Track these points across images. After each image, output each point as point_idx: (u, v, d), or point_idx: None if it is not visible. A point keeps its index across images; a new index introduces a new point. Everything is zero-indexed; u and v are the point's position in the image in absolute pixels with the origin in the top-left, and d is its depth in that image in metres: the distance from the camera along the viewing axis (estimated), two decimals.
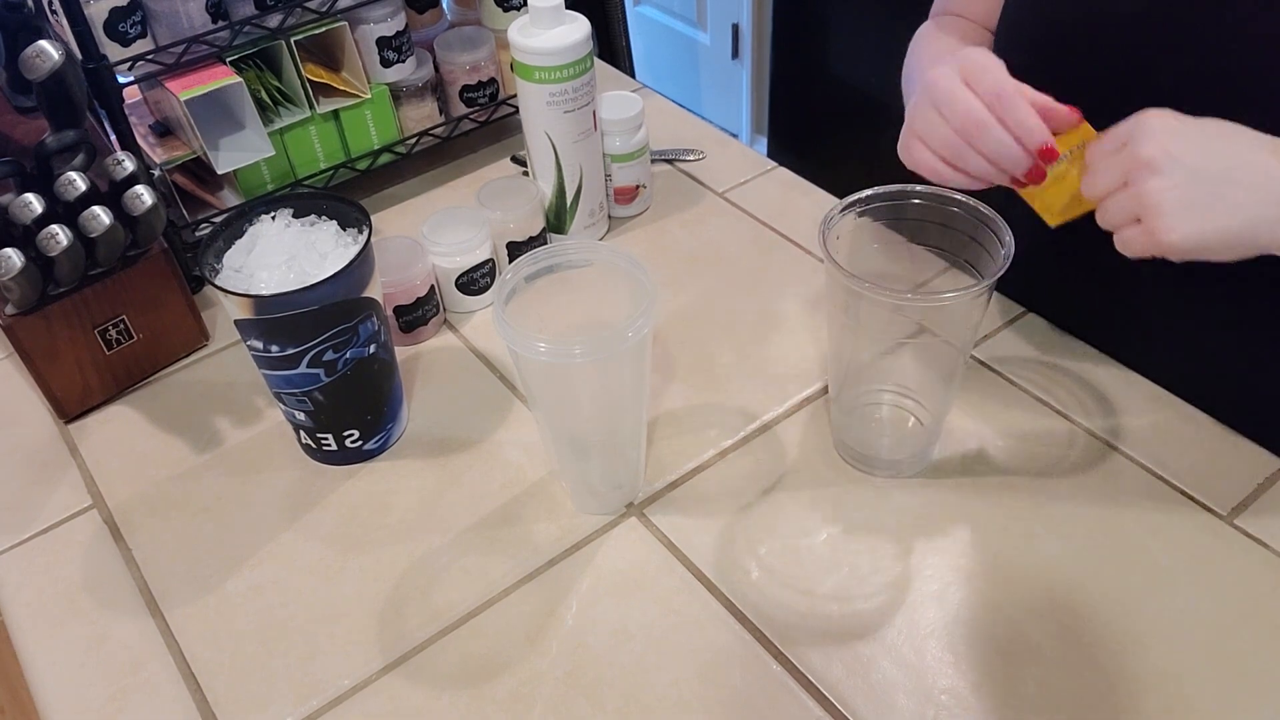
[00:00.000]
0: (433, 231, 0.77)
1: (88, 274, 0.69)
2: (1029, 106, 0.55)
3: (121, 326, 0.72)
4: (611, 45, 1.68)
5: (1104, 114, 0.65)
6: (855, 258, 0.61)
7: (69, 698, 0.57)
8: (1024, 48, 0.69)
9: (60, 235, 0.64)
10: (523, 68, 0.76)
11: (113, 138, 0.76)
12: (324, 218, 0.66)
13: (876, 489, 0.65)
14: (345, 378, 0.64)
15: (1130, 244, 0.52)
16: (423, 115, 0.90)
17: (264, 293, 0.59)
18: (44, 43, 0.62)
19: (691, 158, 0.96)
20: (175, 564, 0.64)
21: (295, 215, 0.65)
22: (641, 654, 0.57)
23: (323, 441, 0.68)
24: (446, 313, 0.80)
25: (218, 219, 0.82)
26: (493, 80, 0.92)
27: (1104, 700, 0.54)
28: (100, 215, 0.65)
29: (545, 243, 0.84)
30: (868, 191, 0.61)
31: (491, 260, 0.80)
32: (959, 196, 0.59)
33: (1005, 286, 0.77)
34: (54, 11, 0.72)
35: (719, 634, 0.58)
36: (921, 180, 0.59)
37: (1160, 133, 0.51)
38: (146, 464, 0.70)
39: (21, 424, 0.74)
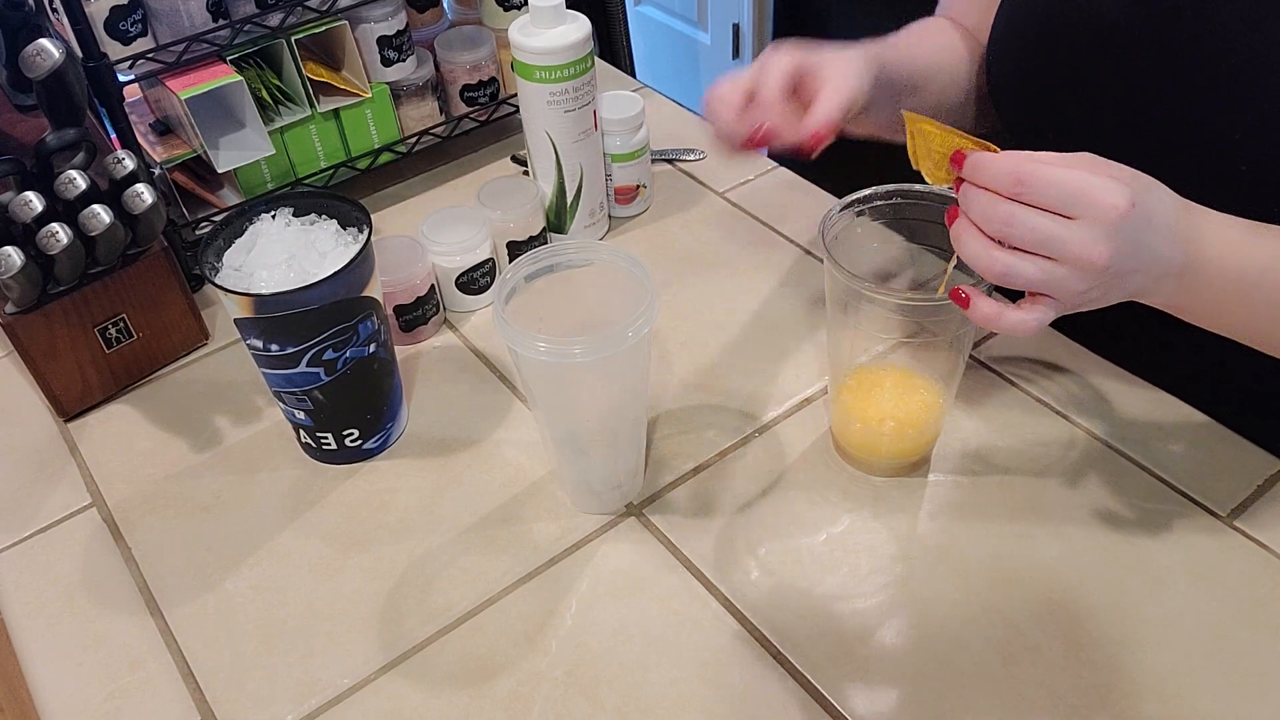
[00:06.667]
0: (433, 231, 0.77)
1: (88, 272, 0.69)
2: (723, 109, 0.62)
3: (121, 325, 0.72)
4: (612, 45, 1.68)
5: (1106, 122, 0.65)
6: (855, 258, 0.61)
7: (68, 696, 0.57)
8: (1024, 50, 0.69)
9: (60, 233, 0.64)
10: (523, 67, 0.76)
11: (113, 136, 0.76)
12: (324, 217, 0.66)
13: (876, 489, 0.65)
14: (345, 377, 0.64)
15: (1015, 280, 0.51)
16: (423, 114, 0.90)
17: (264, 292, 0.59)
18: (44, 41, 0.62)
19: (691, 158, 0.95)
20: (174, 563, 0.64)
21: (295, 214, 0.65)
22: (641, 654, 0.57)
23: (322, 440, 0.68)
24: (446, 312, 0.80)
25: (218, 218, 0.82)
26: (493, 80, 0.92)
27: (1103, 701, 0.54)
28: (100, 214, 0.65)
29: (545, 242, 0.84)
30: (867, 191, 0.61)
31: (491, 260, 0.80)
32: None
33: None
34: (54, 10, 0.72)
35: (719, 634, 0.58)
36: (921, 180, 0.59)
37: (1102, 239, 0.49)
38: (146, 463, 0.70)
39: (21, 422, 0.74)
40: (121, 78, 0.74)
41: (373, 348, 0.65)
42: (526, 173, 0.91)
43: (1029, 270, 0.49)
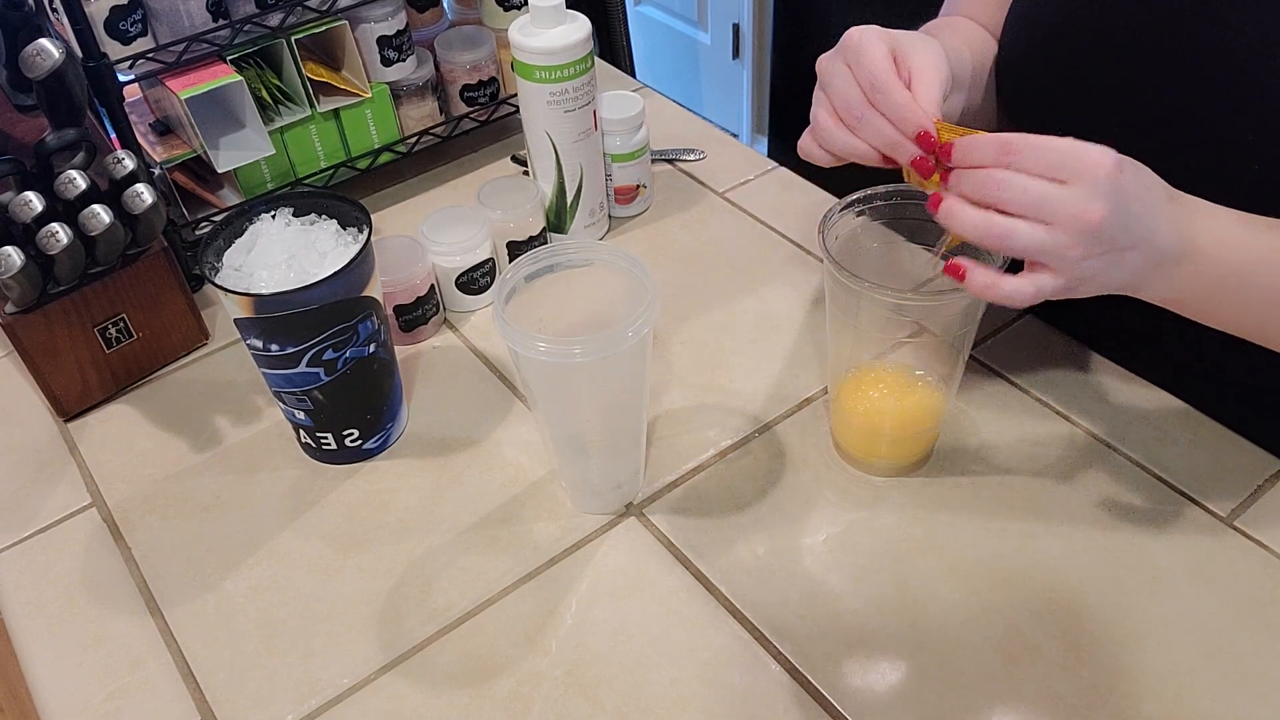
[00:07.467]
0: (433, 231, 0.77)
1: (87, 272, 0.69)
2: (904, 93, 0.55)
3: (121, 325, 0.72)
4: (612, 45, 1.68)
5: (1108, 122, 0.65)
6: (855, 258, 0.61)
7: (68, 696, 0.57)
8: (1030, 51, 0.69)
9: (60, 233, 0.64)
10: (523, 67, 0.76)
11: (113, 136, 0.76)
12: (324, 217, 0.66)
13: (875, 489, 0.65)
14: (345, 377, 0.64)
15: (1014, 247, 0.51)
16: (423, 114, 0.90)
17: (264, 291, 0.59)
18: (44, 41, 0.62)
19: (691, 158, 0.96)
20: (174, 563, 0.64)
21: (295, 214, 0.65)
22: (641, 654, 0.57)
23: (322, 440, 0.68)
24: (446, 312, 0.80)
25: (218, 218, 0.82)
26: (493, 79, 0.92)
27: (1103, 701, 0.54)
28: (100, 214, 0.65)
29: (545, 242, 0.84)
30: (867, 191, 0.61)
31: (491, 260, 0.80)
32: None
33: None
34: (54, 10, 0.72)
35: (718, 634, 0.58)
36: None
37: (1096, 199, 0.49)
38: (146, 463, 0.70)
39: (21, 422, 0.74)
40: (121, 78, 0.74)
41: (373, 348, 0.65)
42: (526, 173, 0.91)
43: (1027, 231, 0.49)
